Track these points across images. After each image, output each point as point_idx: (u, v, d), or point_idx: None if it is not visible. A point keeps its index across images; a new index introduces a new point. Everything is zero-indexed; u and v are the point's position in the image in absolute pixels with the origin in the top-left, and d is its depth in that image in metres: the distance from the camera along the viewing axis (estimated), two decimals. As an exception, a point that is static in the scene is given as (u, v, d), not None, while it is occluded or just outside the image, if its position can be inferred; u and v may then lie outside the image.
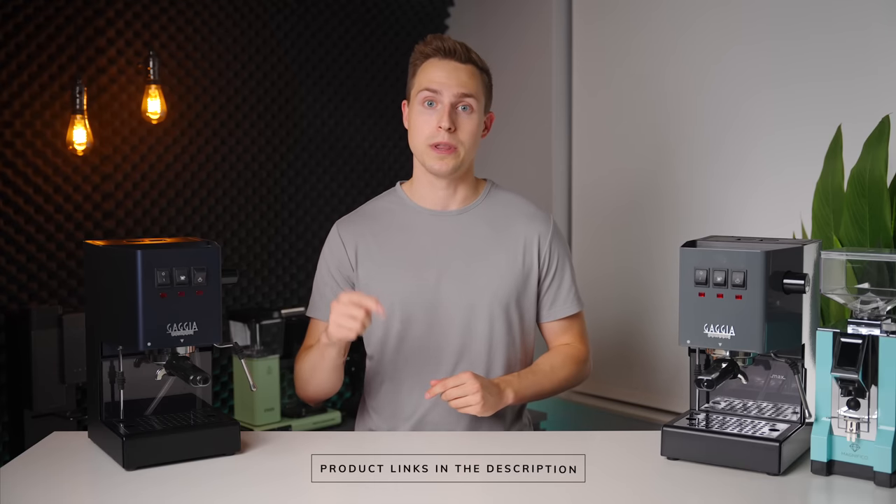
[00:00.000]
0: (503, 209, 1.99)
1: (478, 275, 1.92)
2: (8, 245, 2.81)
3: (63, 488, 1.51)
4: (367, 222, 1.99)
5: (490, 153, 3.61)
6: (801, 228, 2.40)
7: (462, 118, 1.89)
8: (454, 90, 1.88)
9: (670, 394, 3.01)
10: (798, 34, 2.66)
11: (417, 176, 1.98)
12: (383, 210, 2.01)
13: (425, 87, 1.89)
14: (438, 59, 1.90)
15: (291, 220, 3.47)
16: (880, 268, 1.50)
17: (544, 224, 1.99)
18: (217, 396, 3.26)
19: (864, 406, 1.47)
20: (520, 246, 1.95)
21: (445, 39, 1.92)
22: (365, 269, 1.94)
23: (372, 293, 1.92)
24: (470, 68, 1.91)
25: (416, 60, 1.95)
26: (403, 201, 1.99)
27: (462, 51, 1.91)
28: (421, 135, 1.90)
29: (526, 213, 2.00)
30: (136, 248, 1.56)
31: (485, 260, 1.93)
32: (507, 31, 3.60)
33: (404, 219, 1.97)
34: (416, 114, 1.91)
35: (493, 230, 1.96)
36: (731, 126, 2.84)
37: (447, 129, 1.86)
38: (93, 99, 2.95)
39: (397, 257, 1.93)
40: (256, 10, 3.35)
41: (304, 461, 1.58)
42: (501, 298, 1.92)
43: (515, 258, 1.94)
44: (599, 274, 3.25)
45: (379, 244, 1.95)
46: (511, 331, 1.94)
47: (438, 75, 1.89)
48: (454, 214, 1.96)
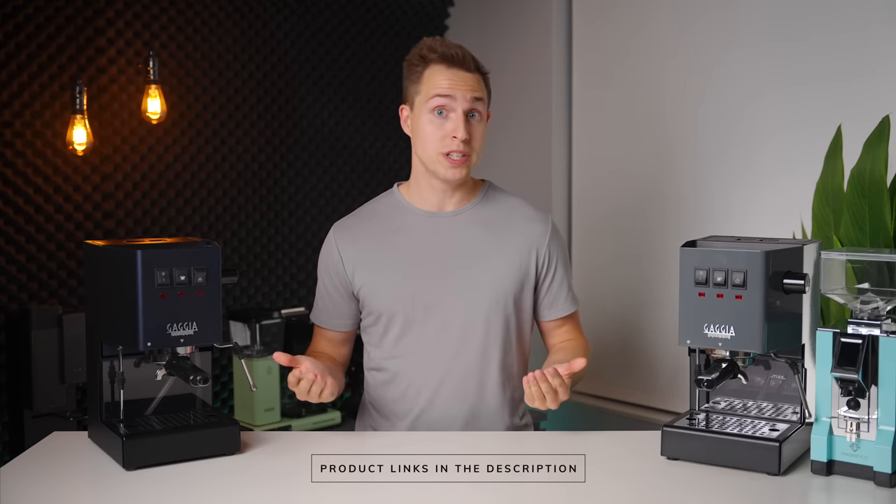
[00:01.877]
0: (500, 210, 1.99)
1: (475, 275, 1.92)
2: (8, 245, 2.81)
3: (63, 488, 1.51)
4: (363, 224, 1.99)
5: (490, 153, 3.61)
6: (801, 228, 2.40)
7: (473, 125, 1.89)
8: (467, 99, 1.87)
9: (670, 394, 3.00)
10: (798, 35, 2.66)
11: (417, 179, 1.98)
12: (380, 212, 2.01)
13: (437, 94, 1.87)
14: (446, 66, 1.88)
15: (291, 220, 3.47)
16: (880, 268, 1.50)
17: (543, 225, 1.99)
18: (217, 396, 3.26)
19: (864, 406, 1.47)
20: (518, 247, 1.95)
21: (450, 45, 1.90)
22: (362, 271, 1.94)
23: (367, 295, 1.94)
24: (476, 76, 1.91)
25: (416, 65, 1.92)
26: (400, 203, 2.00)
27: (470, 59, 1.90)
28: (433, 144, 1.89)
29: (524, 214, 2.00)
30: (136, 248, 1.56)
31: (482, 261, 1.93)
32: (507, 31, 3.60)
33: (401, 220, 1.97)
34: (425, 122, 1.90)
35: (489, 231, 1.96)
36: (731, 126, 2.84)
37: (463, 140, 1.86)
38: (93, 99, 2.95)
39: (395, 258, 1.94)
40: (256, 10, 3.35)
41: (304, 461, 1.58)
42: (499, 299, 1.92)
43: (513, 259, 1.94)
44: (599, 274, 3.25)
45: (375, 246, 1.95)
46: (508, 330, 1.94)
47: (450, 84, 1.87)
48: (450, 215, 1.97)
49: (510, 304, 1.93)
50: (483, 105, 1.91)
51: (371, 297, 1.93)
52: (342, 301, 1.97)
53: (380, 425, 1.98)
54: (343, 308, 1.98)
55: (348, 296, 1.97)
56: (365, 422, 2.03)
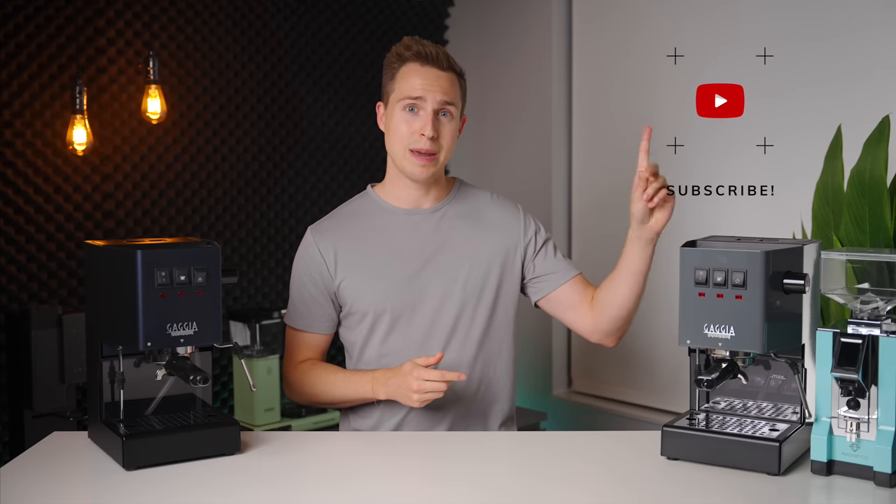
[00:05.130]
0: (475, 203, 2.03)
1: (457, 269, 1.94)
2: (8, 245, 2.81)
3: (63, 488, 1.51)
4: (342, 224, 2.00)
5: (490, 154, 3.61)
6: (801, 228, 2.40)
7: (443, 124, 1.91)
8: (437, 98, 1.88)
9: (670, 394, 3.01)
10: (798, 35, 2.66)
11: (391, 177, 2.00)
12: (357, 211, 2.02)
13: (407, 94, 1.89)
14: (419, 64, 1.90)
15: (291, 220, 3.47)
16: (880, 268, 1.50)
17: (514, 212, 2.03)
18: (217, 396, 3.26)
19: (864, 406, 1.47)
20: (497, 237, 1.98)
21: (425, 44, 1.91)
22: (344, 271, 1.94)
23: (353, 294, 1.94)
24: (450, 75, 1.92)
25: (392, 63, 1.94)
26: (377, 202, 2.01)
27: (443, 57, 1.91)
28: (401, 138, 1.91)
29: (496, 204, 2.03)
30: (136, 248, 1.56)
31: (463, 254, 1.95)
32: (507, 31, 3.60)
33: (379, 219, 1.98)
34: (396, 118, 1.91)
35: (468, 225, 1.98)
36: (731, 126, 2.84)
37: (430, 138, 1.87)
38: (93, 99, 2.95)
39: (376, 257, 1.94)
40: (256, 10, 3.35)
41: (304, 461, 1.58)
42: (483, 290, 1.94)
43: (494, 250, 1.97)
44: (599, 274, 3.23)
45: (356, 245, 1.95)
46: (496, 321, 1.96)
47: (420, 82, 1.89)
48: (428, 212, 1.98)
49: (494, 296, 1.95)
50: (455, 107, 1.92)
51: (356, 297, 1.93)
52: (325, 303, 1.97)
53: (361, 429, 1.98)
54: (327, 310, 1.97)
55: (332, 298, 1.97)
56: (349, 425, 2.03)
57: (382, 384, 1.85)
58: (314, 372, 1.97)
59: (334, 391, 1.94)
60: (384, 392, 1.85)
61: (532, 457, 1.67)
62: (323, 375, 1.96)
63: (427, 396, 1.77)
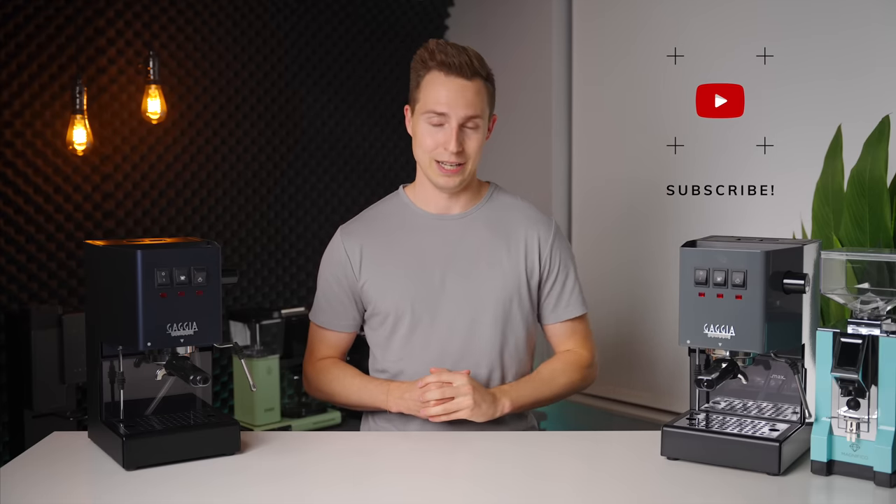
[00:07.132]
0: (505, 212, 2.00)
1: (480, 277, 1.93)
2: (8, 245, 2.81)
3: (63, 488, 1.51)
4: (370, 226, 2.00)
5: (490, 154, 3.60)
6: (801, 228, 2.40)
7: (468, 136, 1.89)
8: (461, 112, 1.86)
9: (670, 394, 3.01)
10: (798, 34, 2.66)
11: (421, 181, 1.99)
12: (386, 214, 2.01)
13: (431, 108, 1.86)
14: (444, 74, 1.86)
15: (291, 220, 3.47)
16: (880, 268, 1.50)
17: (546, 227, 1.99)
18: (217, 396, 3.26)
19: (864, 406, 1.47)
20: (521, 249, 1.96)
21: (449, 52, 1.86)
22: (368, 272, 1.95)
23: (375, 295, 1.94)
24: (476, 84, 1.87)
25: (418, 69, 1.90)
26: (407, 205, 2.00)
27: (467, 66, 1.85)
28: (426, 150, 1.90)
29: (528, 216, 2.00)
30: (136, 248, 1.56)
31: (487, 262, 1.94)
32: (507, 31, 3.60)
33: (408, 222, 1.98)
34: (421, 129, 1.90)
35: (494, 233, 1.96)
36: (731, 126, 2.84)
37: (454, 152, 1.86)
38: (93, 99, 2.95)
39: (401, 260, 1.94)
40: (256, 10, 3.35)
41: (304, 461, 1.58)
42: (503, 301, 1.93)
43: (517, 261, 1.95)
44: (600, 274, 3.24)
45: (383, 248, 1.95)
46: (513, 332, 1.95)
47: (445, 96, 1.85)
48: (457, 218, 1.97)
49: (515, 306, 1.94)
50: (481, 118, 1.89)
51: (379, 298, 1.94)
52: (349, 302, 1.98)
53: (384, 430, 1.98)
54: (350, 309, 1.99)
55: (356, 298, 1.98)
56: (368, 426, 2.03)
57: (397, 397, 1.86)
58: (332, 372, 1.98)
59: (349, 395, 1.95)
60: (397, 405, 1.86)
61: (532, 457, 1.67)
62: (340, 377, 1.97)
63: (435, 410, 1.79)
